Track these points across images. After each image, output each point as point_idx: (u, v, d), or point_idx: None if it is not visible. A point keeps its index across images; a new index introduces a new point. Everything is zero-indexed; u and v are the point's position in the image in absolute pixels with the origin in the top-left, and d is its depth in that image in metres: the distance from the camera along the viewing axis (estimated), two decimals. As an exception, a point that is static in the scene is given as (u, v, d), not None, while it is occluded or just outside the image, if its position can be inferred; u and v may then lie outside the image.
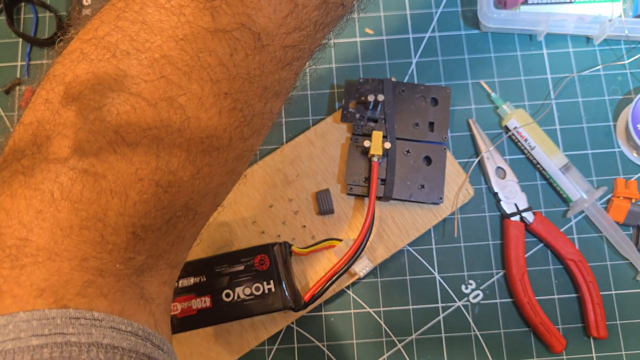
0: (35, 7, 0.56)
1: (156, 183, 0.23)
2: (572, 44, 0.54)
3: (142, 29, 0.22)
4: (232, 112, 0.24)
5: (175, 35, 0.22)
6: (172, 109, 0.22)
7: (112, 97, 0.22)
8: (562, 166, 0.49)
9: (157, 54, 0.22)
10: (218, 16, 0.23)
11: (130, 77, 0.22)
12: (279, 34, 0.24)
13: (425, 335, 0.48)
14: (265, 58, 0.24)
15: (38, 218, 0.21)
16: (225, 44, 0.23)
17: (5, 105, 0.54)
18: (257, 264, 0.45)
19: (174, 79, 0.22)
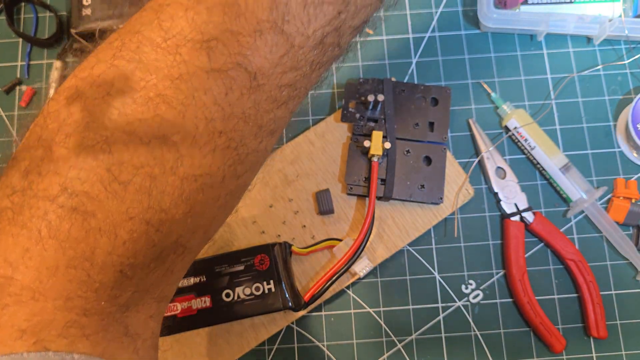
0: (35, 7, 0.56)
1: (147, 222, 0.23)
2: (572, 44, 0.54)
3: (137, 68, 0.23)
4: (226, 151, 0.24)
5: (170, 75, 0.23)
6: (165, 147, 0.22)
7: (105, 135, 0.22)
8: (562, 166, 0.49)
9: (152, 92, 0.22)
10: (214, 56, 0.23)
11: (124, 115, 0.22)
12: (274, 74, 0.24)
13: (425, 335, 0.48)
14: (260, 97, 0.25)
15: (24, 256, 0.21)
16: (221, 83, 0.23)
17: (5, 105, 0.54)
18: (257, 264, 0.45)
19: (168, 117, 0.22)
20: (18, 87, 0.55)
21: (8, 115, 0.54)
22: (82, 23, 0.51)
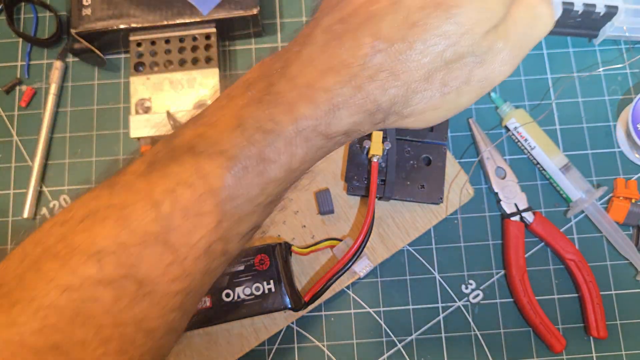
0: (35, 6, 0.56)
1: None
2: (572, 44, 0.54)
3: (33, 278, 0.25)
4: (118, 355, 0.25)
5: (61, 285, 0.24)
6: (57, 355, 0.24)
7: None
8: (562, 166, 0.49)
9: (45, 302, 0.24)
10: (104, 266, 0.24)
11: (18, 326, 0.23)
12: (162, 282, 0.25)
13: (425, 335, 0.48)
14: (150, 304, 0.25)
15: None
16: (110, 292, 0.24)
17: (5, 106, 0.54)
18: (257, 263, 0.45)
19: (59, 326, 0.24)
20: (18, 87, 0.55)
21: (8, 115, 0.54)
22: (82, 23, 0.51)
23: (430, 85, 0.26)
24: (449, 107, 0.28)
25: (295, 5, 0.56)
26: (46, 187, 0.52)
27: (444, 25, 0.25)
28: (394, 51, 0.25)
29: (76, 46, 0.52)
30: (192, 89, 0.51)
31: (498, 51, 0.27)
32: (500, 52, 0.27)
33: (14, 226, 0.52)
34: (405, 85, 0.26)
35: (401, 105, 0.26)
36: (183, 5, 0.51)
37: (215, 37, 0.52)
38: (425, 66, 0.25)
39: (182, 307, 0.27)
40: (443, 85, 0.26)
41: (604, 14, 0.50)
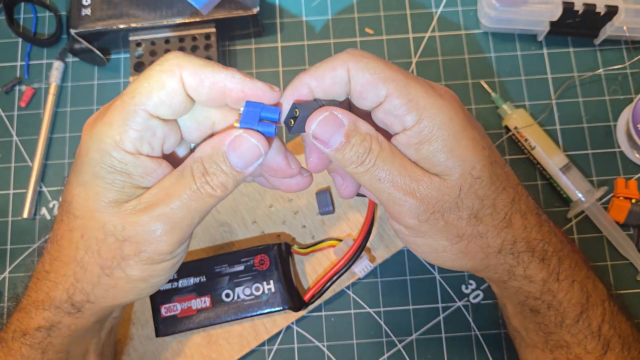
0: (35, 6, 0.56)
1: None
2: (572, 44, 0.54)
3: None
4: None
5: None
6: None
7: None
8: (562, 166, 0.49)
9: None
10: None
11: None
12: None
13: (426, 335, 0.48)
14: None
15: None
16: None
17: (5, 105, 0.54)
18: (257, 264, 0.45)
19: None
20: (18, 87, 0.55)
21: (8, 115, 0.54)
22: (82, 23, 0.51)
23: None
24: None
25: (295, 5, 0.56)
26: (46, 187, 0.52)
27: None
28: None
29: (76, 46, 0.52)
30: (192, 89, 0.51)
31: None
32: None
33: (14, 226, 0.52)
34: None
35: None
36: (183, 5, 0.51)
37: (215, 37, 0.52)
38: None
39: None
40: None
41: (604, 14, 0.50)
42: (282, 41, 0.55)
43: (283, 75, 0.54)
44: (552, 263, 0.33)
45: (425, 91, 0.30)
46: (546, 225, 0.33)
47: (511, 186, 0.32)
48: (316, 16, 0.56)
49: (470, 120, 0.31)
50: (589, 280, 0.33)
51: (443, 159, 0.30)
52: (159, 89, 0.29)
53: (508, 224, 0.32)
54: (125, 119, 0.29)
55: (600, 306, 0.33)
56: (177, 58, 0.30)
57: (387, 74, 0.29)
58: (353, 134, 0.30)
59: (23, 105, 0.54)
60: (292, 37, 0.55)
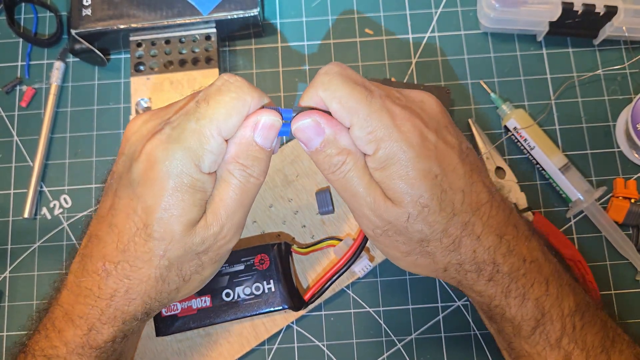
0: (35, 7, 0.56)
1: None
2: (572, 44, 0.54)
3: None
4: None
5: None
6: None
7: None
8: (561, 166, 0.49)
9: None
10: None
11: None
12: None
13: (425, 334, 0.48)
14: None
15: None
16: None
17: (5, 105, 0.54)
18: (257, 263, 0.45)
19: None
20: (18, 87, 0.55)
21: (8, 115, 0.54)
22: (83, 23, 0.51)
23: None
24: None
25: (295, 5, 0.56)
26: (46, 187, 0.52)
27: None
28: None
29: (76, 46, 0.52)
30: (193, 89, 0.51)
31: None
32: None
33: (15, 226, 0.52)
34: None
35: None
36: (183, 6, 0.51)
37: (215, 37, 0.52)
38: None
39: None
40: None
41: (603, 14, 0.50)
42: (282, 41, 0.55)
43: (283, 76, 0.55)
44: (502, 283, 0.34)
45: (383, 123, 0.32)
46: (504, 247, 0.34)
47: (468, 210, 0.33)
48: (316, 17, 0.56)
49: (430, 149, 0.32)
50: (548, 297, 0.35)
51: (393, 186, 0.32)
52: (234, 115, 0.32)
53: (456, 248, 0.34)
54: (204, 143, 0.31)
55: (559, 321, 0.35)
56: (249, 87, 0.32)
57: (350, 105, 0.32)
58: (330, 145, 0.33)
59: (24, 106, 0.54)
60: (292, 37, 0.56)
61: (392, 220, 0.33)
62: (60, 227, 0.52)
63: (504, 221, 0.34)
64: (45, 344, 0.35)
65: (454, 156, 0.33)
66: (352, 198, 0.34)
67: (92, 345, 0.34)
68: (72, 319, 0.34)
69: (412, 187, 0.32)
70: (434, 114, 0.35)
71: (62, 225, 0.52)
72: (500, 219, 0.34)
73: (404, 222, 0.33)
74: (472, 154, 0.35)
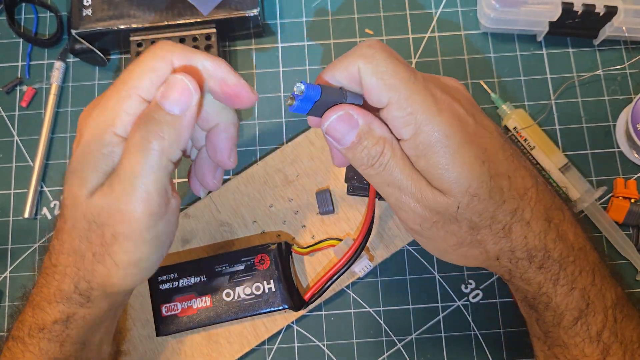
0: (35, 7, 0.56)
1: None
2: (572, 44, 0.54)
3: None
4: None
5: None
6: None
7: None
8: (561, 166, 0.49)
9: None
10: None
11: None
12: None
13: (425, 334, 0.48)
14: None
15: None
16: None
17: (5, 106, 0.54)
18: (257, 263, 0.45)
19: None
20: (19, 87, 0.55)
21: (9, 115, 0.54)
22: (83, 23, 0.51)
23: None
24: None
25: (295, 5, 0.56)
26: (47, 187, 0.52)
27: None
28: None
29: (77, 46, 0.52)
30: (193, 89, 0.51)
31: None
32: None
33: (15, 226, 0.52)
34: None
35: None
36: (183, 6, 0.51)
37: (215, 37, 0.52)
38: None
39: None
40: None
41: (603, 14, 0.50)
42: (282, 42, 0.55)
43: (283, 76, 0.55)
44: (551, 270, 0.33)
45: (425, 105, 0.29)
46: (554, 232, 0.33)
47: (515, 196, 0.32)
48: (316, 17, 0.56)
49: (471, 134, 0.31)
50: (593, 287, 0.34)
51: (439, 176, 0.30)
52: (151, 72, 0.30)
53: (507, 234, 0.32)
54: (119, 103, 0.30)
55: (602, 313, 0.34)
56: (167, 45, 0.31)
57: (391, 82, 0.29)
58: (366, 136, 0.30)
59: (24, 106, 0.54)
60: (292, 37, 0.56)
61: (441, 210, 0.31)
62: (61, 227, 0.52)
63: (550, 205, 0.33)
64: (14, 324, 0.36)
65: (495, 141, 0.32)
66: (395, 192, 0.31)
67: (39, 325, 0.34)
68: (29, 299, 0.35)
69: (460, 176, 0.30)
70: (468, 98, 0.33)
71: (62, 225, 0.52)
72: (547, 203, 0.33)
73: (453, 213, 0.31)
74: (508, 139, 0.34)
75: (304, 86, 0.29)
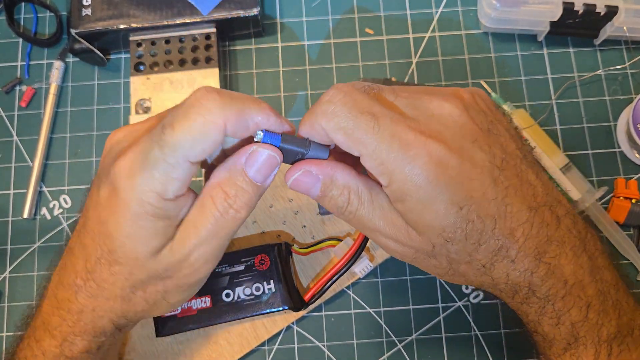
0: (35, 6, 0.56)
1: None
2: (573, 44, 0.54)
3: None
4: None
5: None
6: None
7: None
8: (562, 166, 0.49)
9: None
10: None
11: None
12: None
13: (426, 335, 0.48)
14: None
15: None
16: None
17: (5, 106, 0.54)
18: (257, 264, 0.45)
19: None
20: (18, 87, 0.55)
21: (8, 115, 0.54)
22: (83, 23, 0.51)
23: None
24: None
25: (295, 5, 0.56)
26: (46, 187, 0.52)
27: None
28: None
29: (76, 46, 0.52)
30: (193, 89, 0.51)
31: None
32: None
33: (14, 226, 0.52)
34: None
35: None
36: (183, 6, 0.51)
37: (215, 37, 0.52)
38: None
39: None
40: None
41: (604, 14, 0.50)
42: (282, 41, 0.55)
43: (283, 76, 0.54)
44: (537, 304, 0.32)
45: (394, 154, 0.29)
46: (543, 269, 0.31)
47: (500, 236, 0.30)
48: (316, 16, 0.56)
49: (452, 177, 0.29)
50: (586, 323, 0.32)
51: (414, 220, 0.30)
52: (204, 141, 0.29)
53: (487, 271, 0.32)
54: (169, 172, 0.29)
55: (593, 347, 0.33)
56: (221, 108, 0.29)
57: (356, 137, 0.29)
58: (330, 188, 0.32)
59: (23, 105, 0.54)
60: (292, 37, 0.56)
61: (418, 248, 0.32)
62: (60, 227, 0.51)
63: (545, 239, 0.31)
64: (27, 352, 0.35)
65: (484, 178, 0.30)
66: (373, 234, 0.32)
67: (67, 355, 0.34)
68: (49, 329, 0.34)
69: (433, 222, 0.30)
70: (458, 127, 0.30)
71: (62, 225, 0.52)
72: (541, 238, 0.31)
73: (430, 251, 0.31)
74: (512, 162, 0.31)
75: (262, 134, 0.30)
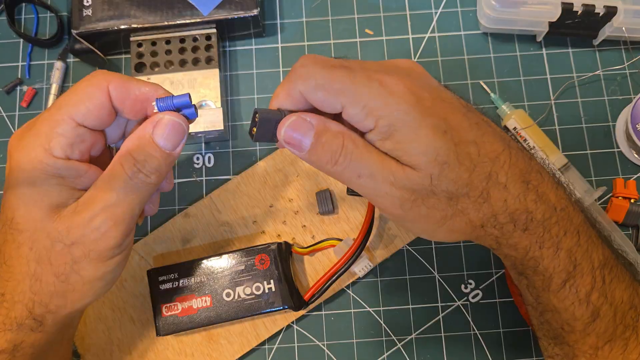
0: (36, 7, 0.56)
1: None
2: (572, 44, 0.54)
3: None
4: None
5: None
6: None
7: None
8: (561, 166, 0.49)
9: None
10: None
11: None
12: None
13: (425, 334, 0.48)
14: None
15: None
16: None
17: (6, 106, 0.54)
18: (257, 263, 0.45)
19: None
20: (19, 87, 0.55)
21: (9, 115, 0.54)
22: (83, 23, 0.51)
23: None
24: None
25: (295, 5, 0.56)
26: (47, 187, 0.52)
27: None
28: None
29: (77, 46, 0.52)
30: (193, 89, 0.51)
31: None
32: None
33: (15, 226, 0.52)
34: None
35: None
36: (183, 6, 0.51)
37: (215, 37, 0.52)
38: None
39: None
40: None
41: (603, 15, 0.50)
42: (282, 42, 0.56)
43: (283, 76, 0.55)
44: (536, 232, 0.33)
45: (375, 93, 0.30)
46: (533, 194, 0.33)
47: (486, 161, 0.32)
48: (316, 17, 0.56)
49: (429, 107, 0.31)
50: (579, 248, 0.34)
51: (406, 151, 0.31)
52: (87, 100, 0.32)
53: (486, 199, 0.32)
54: (54, 127, 0.31)
55: (590, 275, 0.34)
56: (102, 73, 0.33)
57: (335, 88, 0.30)
58: (323, 133, 0.31)
59: (24, 106, 0.54)
60: (292, 37, 0.56)
61: (416, 187, 0.31)
62: (61, 227, 0.52)
63: (526, 168, 0.33)
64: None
65: (456, 110, 0.32)
66: (368, 181, 0.31)
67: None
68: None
69: (426, 146, 0.30)
70: (421, 74, 0.34)
71: (62, 225, 0.52)
72: (522, 166, 0.33)
73: (429, 186, 0.31)
74: (474, 109, 0.34)
75: (155, 102, 0.32)
